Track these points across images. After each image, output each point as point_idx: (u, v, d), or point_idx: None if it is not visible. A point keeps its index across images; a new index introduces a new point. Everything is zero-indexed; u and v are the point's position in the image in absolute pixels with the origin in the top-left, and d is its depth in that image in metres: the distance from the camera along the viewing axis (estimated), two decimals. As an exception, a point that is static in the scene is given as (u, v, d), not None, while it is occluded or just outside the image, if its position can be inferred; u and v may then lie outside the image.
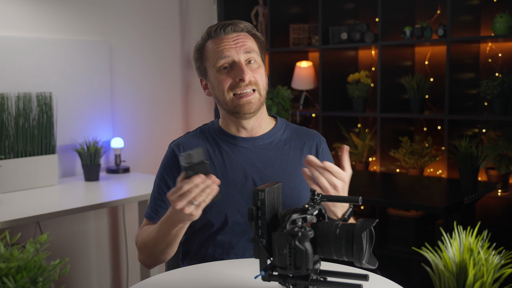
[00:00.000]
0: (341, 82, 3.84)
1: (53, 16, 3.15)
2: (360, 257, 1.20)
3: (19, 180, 2.82)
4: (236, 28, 1.69)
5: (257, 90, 1.68)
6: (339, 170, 1.46)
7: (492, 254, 1.11)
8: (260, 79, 1.69)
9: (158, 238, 1.57)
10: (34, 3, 3.06)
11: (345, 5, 3.90)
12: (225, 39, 1.68)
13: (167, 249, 1.59)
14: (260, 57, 1.74)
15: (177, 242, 1.58)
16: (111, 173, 3.34)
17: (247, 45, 1.68)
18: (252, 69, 1.68)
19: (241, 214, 1.68)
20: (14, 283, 1.01)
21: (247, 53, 1.67)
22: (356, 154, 3.78)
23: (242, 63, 1.66)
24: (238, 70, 1.65)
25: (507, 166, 3.22)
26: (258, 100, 1.69)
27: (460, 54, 3.33)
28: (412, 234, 3.23)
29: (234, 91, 1.67)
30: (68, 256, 3.23)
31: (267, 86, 1.75)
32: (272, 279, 1.28)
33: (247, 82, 1.65)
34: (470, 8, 3.38)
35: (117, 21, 3.50)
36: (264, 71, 1.72)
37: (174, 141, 1.80)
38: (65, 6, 3.20)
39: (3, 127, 2.81)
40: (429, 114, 3.44)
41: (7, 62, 2.92)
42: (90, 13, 3.33)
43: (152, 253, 1.64)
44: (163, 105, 3.84)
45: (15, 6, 2.99)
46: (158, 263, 1.67)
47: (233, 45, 1.66)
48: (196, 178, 1.35)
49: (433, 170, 3.65)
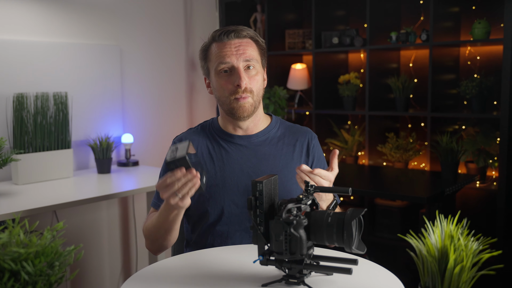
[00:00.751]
0: (333, 83, 3.84)
1: (69, 22, 3.14)
2: (350, 243, 1.20)
3: (37, 173, 2.82)
4: (239, 35, 1.68)
5: (251, 96, 1.68)
6: (327, 174, 1.47)
7: (471, 241, 1.11)
8: (255, 86, 1.69)
9: (158, 224, 1.57)
10: (51, 10, 3.05)
11: (336, 12, 3.89)
12: (227, 44, 1.67)
13: (167, 235, 1.59)
14: (261, 63, 1.73)
15: (175, 228, 1.58)
16: (122, 166, 3.34)
17: (247, 54, 1.67)
18: (250, 76, 1.67)
19: (237, 205, 1.68)
20: (33, 267, 1.01)
21: (246, 61, 1.67)
22: (347, 149, 3.78)
23: (241, 70, 1.65)
24: (236, 76, 1.65)
25: (484, 159, 3.22)
26: (251, 105, 1.69)
27: (442, 57, 3.32)
28: (397, 222, 3.24)
29: (233, 95, 1.67)
30: (82, 242, 3.23)
31: (264, 90, 1.75)
32: (269, 263, 1.29)
33: (243, 88, 1.65)
34: (451, 15, 3.37)
35: (127, 27, 3.49)
36: (261, 77, 1.72)
37: (177, 136, 1.81)
38: (79, 13, 3.19)
39: (23, 124, 2.80)
40: (413, 112, 3.44)
41: (26, 65, 2.92)
42: (103, 20, 3.33)
43: (155, 239, 1.64)
44: (169, 104, 3.83)
45: (34, 14, 2.98)
46: (162, 249, 1.67)
47: (234, 51, 1.66)
48: (177, 172, 1.36)
49: (417, 164, 3.65)
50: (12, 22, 2.90)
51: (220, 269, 1.40)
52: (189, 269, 1.41)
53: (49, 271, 1.05)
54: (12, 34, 2.91)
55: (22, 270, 1.00)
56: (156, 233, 1.61)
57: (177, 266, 1.43)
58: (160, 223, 1.56)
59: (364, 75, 3.82)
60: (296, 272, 1.26)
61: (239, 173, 1.71)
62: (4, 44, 2.83)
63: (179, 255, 1.54)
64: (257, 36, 1.73)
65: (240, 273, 1.36)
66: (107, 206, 3.39)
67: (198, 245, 1.75)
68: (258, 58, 1.72)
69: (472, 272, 1.09)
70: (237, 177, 1.70)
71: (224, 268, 1.40)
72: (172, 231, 1.58)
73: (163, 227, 1.56)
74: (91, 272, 3.31)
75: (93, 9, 3.27)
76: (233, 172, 1.71)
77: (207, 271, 1.39)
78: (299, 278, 1.26)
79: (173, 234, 1.60)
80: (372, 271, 1.38)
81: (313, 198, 1.31)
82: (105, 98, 3.32)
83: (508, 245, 3.00)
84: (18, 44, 2.89)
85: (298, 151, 1.79)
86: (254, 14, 4.05)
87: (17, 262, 1.00)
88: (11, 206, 2.30)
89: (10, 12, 2.89)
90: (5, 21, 2.87)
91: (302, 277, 1.26)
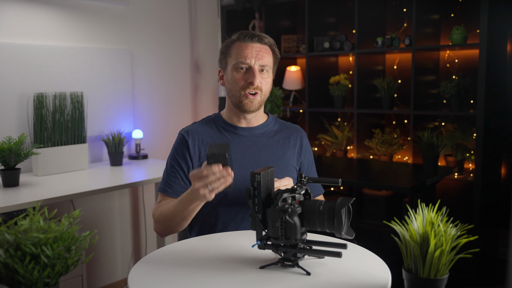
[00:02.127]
0: (324, 83, 3.83)
1: (84, 29, 3.13)
2: (340, 229, 1.20)
3: (55, 165, 2.81)
4: (261, 40, 1.72)
5: (260, 94, 1.71)
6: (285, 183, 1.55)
7: (450, 227, 1.11)
8: (265, 87, 1.72)
9: (176, 211, 1.56)
10: (69, 18, 3.04)
11: (327, 19, 3.88)
12: (249, 46, 1.70)
13: (183, 222, 1.59)
14: (272, 69, 1.77)
15: (191, 216, 1.57)
16: (132, 159, 3.33)
17: (265, 59, 1.70)
18: (262, 77, 1.71)
19: (239, 190, 1.69)
20: (52, 250, 1.01)
21: (262, 65, 1.70)
22: (337, 144, 3.78)
23: (256, 70, 1.69)
24: (251, 74, 1.68)
25: (462, 153, 3.23)
26: (258, 102, 1.72)
27: (423, 60, 3.32)
28: (383, 210, 3.24)
29: (244, 90, 1.69)
30: (96, 228, 3.23)
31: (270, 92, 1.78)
32: (266, 247, 1.29)
33: (255, 86, 1.68)
34: (432, 22, 3.37)
35: (137, 33, 3.48)
36: (271, 80, 1.76)
37: (183, 129, 1.81)
38: (94, 21, 3.18)
39: (42, 121, 2.80)
40: (397, 110, 3.43)
41: (46, 67, 2.91)
42: (115, 27, 3.32)
43: (168, 225, 1.63)
44: (176, 102, 3.83)
45: (53, 21, 2.97)
46: (171, 233, 1.67)
47: (254, 54, 1.69)
48: (214, 167, 1.36)
49: (401, 157, 3.65)
50: (33, 28, 2.89)
51: (222, 252, 1.40)
52: (194, 253, 1.41)
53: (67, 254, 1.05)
54: (33, 39, 2.90)
55: (42, 254, 1.00)
56: (172, 219, 1.59)
57: (183, 250, 1.43)
58: (179, 210, 1.55)
59: (352, 76, 3.81)
60: (291, 255, 1.26)
61: (241, 160, 1.72)
62: (26, 48, 2.82)
63: (186, 240, 1.54)
64: (275, 46, 1.77)
65: (240, 256, 1.36)
66: (119, 195, 3.39)
67: (202, 225, 1.75)
68: (272, 65, 1.75)
69: (451, 256, 1.09)
70: (239, 164, 1.71)
71: (225, 252, 1.40)
72: (188, 219, 1.58)
73: (182, 215, 1.55)
74: (104, 255, 3.31)
75: (107, 17, 3.26)
76: (236, 160, 1.72)
77: (210, 254, 1.38)
78: (294, 261, 1.26)
79: (188, 222, 1.60)
80: (360, 254, 1.38)
81: (307, 188, 1.31)
82: (117, 97, 3.31)
83: (483, 231, 3.00)
84: (39, 48, 2.88)
85: (292, 144, 1.82)
86: (253, 21, 4.04)
87: (37, 247, 1.00)
88: (31, 195, 2.30)
89: (32, 19, 2.88)
90: (27, 28, 2.86)
91: (296, 260, 1.26)
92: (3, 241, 1.01)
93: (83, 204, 3.13)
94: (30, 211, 1.08)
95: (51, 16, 2.97)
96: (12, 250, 0.99)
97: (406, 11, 3.55)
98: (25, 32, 2.86)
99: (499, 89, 3.13)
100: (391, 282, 1.20)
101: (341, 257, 1.21)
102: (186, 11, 3.85)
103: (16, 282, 1.01)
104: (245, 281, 1.20)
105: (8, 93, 2.76)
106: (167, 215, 1.62)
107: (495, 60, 3.01)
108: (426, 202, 1.35)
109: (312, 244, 1.30)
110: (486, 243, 3.07)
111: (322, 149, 3.96)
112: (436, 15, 3.40)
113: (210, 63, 4.05)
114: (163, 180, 1.75)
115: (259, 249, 1.33)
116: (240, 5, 3.82)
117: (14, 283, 1.01)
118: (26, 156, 2.47)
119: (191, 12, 3.89)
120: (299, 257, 1.26)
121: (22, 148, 2.46)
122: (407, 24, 3.57)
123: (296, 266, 1.26)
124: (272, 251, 1.31)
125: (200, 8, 3.96)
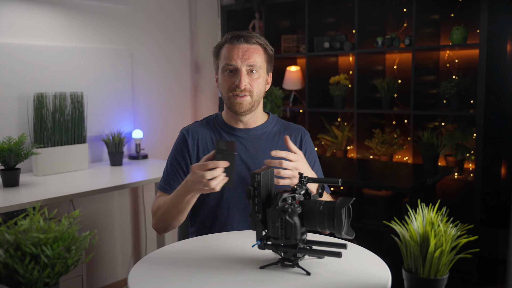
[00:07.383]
0: (324, 83, 3.83)
1: (84, 29, 3.13)
2: (340, 229, 1.20)
3: (55, 165, 2.81)
4: (248, 40, 1.69)
5: (250, 95, 1.70)
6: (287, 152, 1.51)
7: (449, 227, 1.11)
8: (256, 87, 1.70)
9: (171, 204, 1.57)
10: (69, 18, 3.04)
11: (327, 19, 3.88)
12: (236, 48, 1.68)
13: (178, 215, 1.59)
14: (265, 68, 1.74)
15: (187, 210, 1.58)
16: (132, 159, 3.33)
17: (252, 59, 1.68)
18: (252, 78, 1.69)
19: (235, 191, 1.69)
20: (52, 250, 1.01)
21: (249, 66, 1.68)
22: (337, 143, 3.78)
23: (243, 72, 1.67)
24: (237, 77, 1.68)
25: (462, 153, 3.23)
26: (249, 103, 1.71)
27: (423, 60, 3.32)
28: (383, 210, 3.24)
29: (232, 92, 1.69)
30: (96, 228, 3.23)
31: (265, 92, 1.77)
32: (266, 247, 1.29)
33: (242, 88, 1.67)
34: (432, 22, 3.37)
35: (137, 33, 3.48)
36: (263, 80, 1.73)
37: (184, 128, 1.82)
38: (94, 21, 3.18)
39: (43, 121, 2.80)
40: (397, 110, 3.43)
41: (46, 67, 2.91)
42: (115, 27, 3.32)
43: (165, 219, 1.63)
44: (176, 102, 3.83)
45: (53, 21, 2.97)
46: (169, 229, 1.66)
47: (240, 55, 1.67)
48: (220, 162, 1.38)
49: (401, 157, 3.65)
50: (33, 29, 2.89)
51: (222, 252, 1.40)
52: (194, 252, 1.41)
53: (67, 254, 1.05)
54: (33, 39, 2.90)
55: (42, 254, 1.00)
56: (168, 212, 1.60)
57: (183, 250, 1.43)
58: (174, 203, 1.56)
59: (352, 76, 3.81)
60: (291, 255, 1.26)
61: (239, 162, 1.72)
62: (26, 48, 2.82)
63: (186, 240, 1.54)
64: (267, 45, 1.74)
65: (240, 256, 1.36)
66: (119, 195, 3.39)
67: (201, 226, 1.76)
68: (263, 64, 1.72)
69: (451, 256, 1.09)
70: (237, 166, 1.71)
71: (225, 252, 1.40)
72: (184, 212, 1.58)
73: (177, 208, 1.56)
74: (104, 255, 3.31)
75: (107, 17, 3.26)
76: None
77: (210, 254, 1.38)
78: (294, 261, 1.26)
79: (183, 216, 1.60)
80: (360, 254, 1.38)
81: (306, 188, 1.31)
82: (117, 97, 3.31)
83: (483, 231, 3.00)
84: (39, 48, 2.88)
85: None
86: (253, 21, 4.04)
87: (37, 246, 1.00)
88: (31, 195, 2.30)
89: (32, 19, 2.88)
90: (27, 28, 2.86)
91: (296, 260, 1.26)
92: (3, 241, 1.01)
93: (83, 204, 3.12)
94: (30, 211, 1.08)
95: (51, 16, 2.97)
96: (12, 250, 0.99)
97: (406, 11, 3.55)
98: (25, 32, 2.86)
99: (499, 89, 3.13)
100: (391, 282, 1.20)
101: (341, 257, 1.21)
102: (186, 11, 3.85)
103: (16, 282, 1.01)
104: (245, 281, 1.20)
105: (8, 93, 2.76)
106: (164, 208, 1.63)
107: (495, 60, 3.01)
108: (426, 202, 1.35)
109: (312, 244, 1.29)
110: (486, 243, 3.07)
111: (322, 149, 3.96)
112: (436, 15, 3.40)
113: (210, 63, 4.04)
114: (163, 178, 1.76)
115: (259, 249, 1.33)
116: (240, 5, 3.82)
117: (14, 283, 1.01)
118: (26, 156, 2.47)
119: (191, 12, 3.89)
120: (299, 257, 1.26)
121: (22, 148, 2.46)
122: (407, 24, 3.57)
123: (296, 266, 1.26)
124: (272, 251, 1.31)
125: (200, 8, 3.96)
